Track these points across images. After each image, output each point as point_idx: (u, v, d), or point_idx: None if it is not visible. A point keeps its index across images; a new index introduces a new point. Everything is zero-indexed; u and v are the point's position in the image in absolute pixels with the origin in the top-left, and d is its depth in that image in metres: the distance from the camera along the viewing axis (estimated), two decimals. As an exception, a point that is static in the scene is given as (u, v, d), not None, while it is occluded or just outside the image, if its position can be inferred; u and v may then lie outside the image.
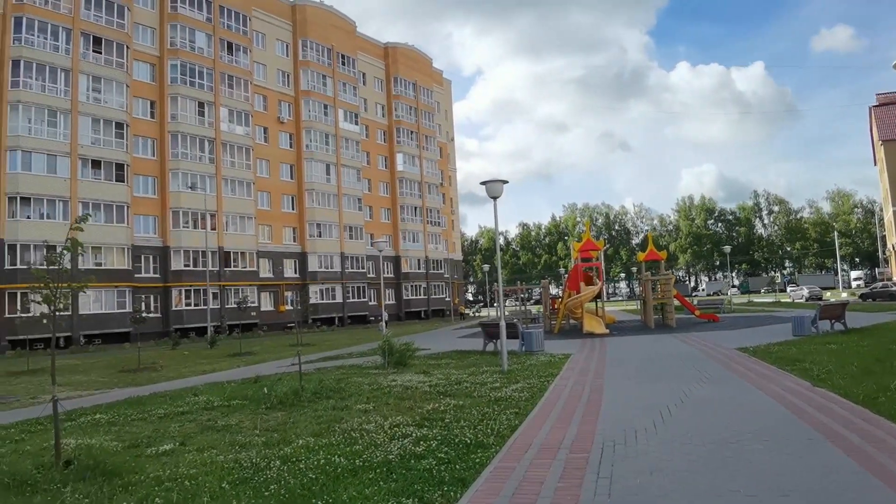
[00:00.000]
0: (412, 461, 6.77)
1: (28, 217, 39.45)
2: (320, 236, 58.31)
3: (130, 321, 28.80)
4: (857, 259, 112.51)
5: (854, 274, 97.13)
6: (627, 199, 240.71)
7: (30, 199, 39.76)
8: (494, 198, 14.18)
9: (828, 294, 64.28)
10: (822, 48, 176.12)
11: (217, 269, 48.80)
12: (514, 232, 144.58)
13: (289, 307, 54.77)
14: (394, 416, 9.47)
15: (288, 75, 58.83)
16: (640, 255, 35.37)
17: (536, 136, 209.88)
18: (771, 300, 62.51)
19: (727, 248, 59.94)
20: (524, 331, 20.13)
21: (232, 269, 50.61)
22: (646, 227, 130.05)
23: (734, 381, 11.38)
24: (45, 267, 7.94)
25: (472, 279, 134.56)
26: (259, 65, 55.88)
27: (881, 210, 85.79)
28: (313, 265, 57.47)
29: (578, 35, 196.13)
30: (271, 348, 31.25)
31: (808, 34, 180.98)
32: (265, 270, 54.24)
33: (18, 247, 38.72)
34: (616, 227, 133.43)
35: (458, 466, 6.47)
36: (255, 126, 54.30)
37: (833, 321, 20.58)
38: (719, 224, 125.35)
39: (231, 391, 13.68)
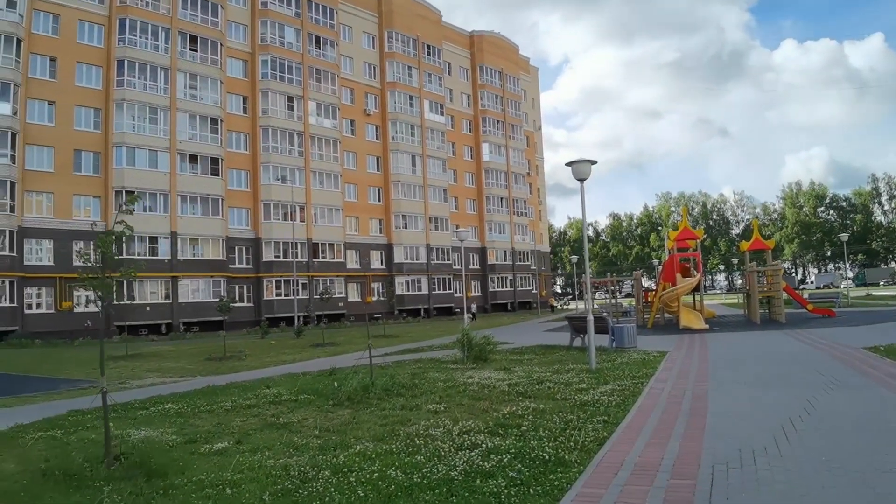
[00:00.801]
0: (478, 480, 5.73)
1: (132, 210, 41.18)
2: (406, 227, 58.26)
3: (217, 310, 29.31)
4: None
5: None
6: (726, 188, 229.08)
7: (133, 192, 41.51)
8: (581, 180, 12.91)
9: None
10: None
11: (306, 260, 49.55)
12: (604, 223, 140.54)
13: (375, 298, 55.03)
14: (465, 419, 8.48)
15: (374, 67, 58.95)
16: (744, 245, 32.82)
17: (628, 124, 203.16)
18: (895, 293, 56.94)
19: (844, 237, 54.60)
20: (614, 325, 18.67)
21: (320, 260, 51.22)
22: (747, 217, 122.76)
23: (871, 388, 9.50)
24: (90, 253, 7.48)
25: (560, 271, 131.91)
26: (346, 58, 56.22)
27: None
28: (399, 256, 57.47)
29: (672, 16, 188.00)
30: (354, 339, 31.08)
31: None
32: (352, 261, 54.64)
33: (124, 238, 40.52)
34: (714, 217, 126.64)
35: (531, 491, 5.36)
36: (342, 119, 54.69)
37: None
38: (831, 211, 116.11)
39: (302, 384, 13.26)
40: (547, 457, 6.28)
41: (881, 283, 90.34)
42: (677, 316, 26.80)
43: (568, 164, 12.91)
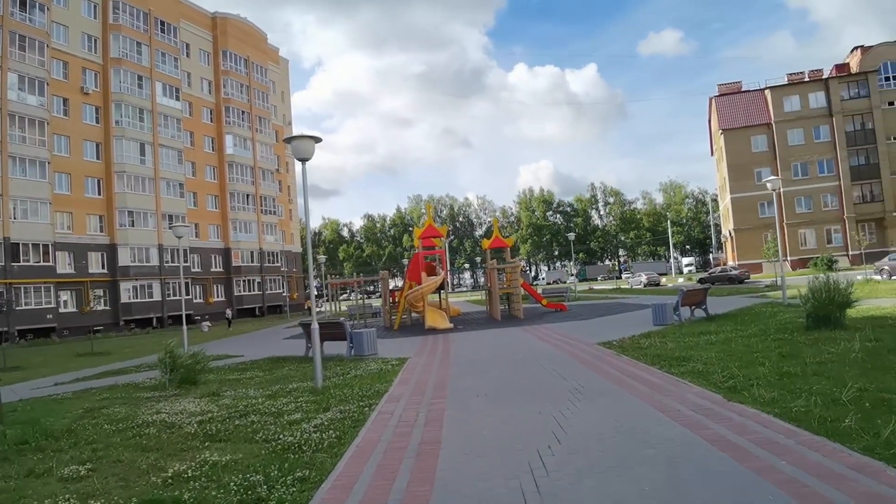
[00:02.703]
0: None
1: None
2: (133, 226, 51.24)
3: None
4: (687, 246, 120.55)
5: (685, 260, 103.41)
6: (470, 192, 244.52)
7: None
8: (303, 160, 10.81)
9: (664, 279, 66.74)
10: (651, 51, 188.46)
11: (2, 263, 41.07)
12: (358, 224, 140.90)
13: (97, 307, 47.63)
14: (106, 491, 5.81)
15: (95, 40, 51.01)
16: (485, 243, 33.46)
17: (381, 129, 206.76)
18: (611, 287, 64.04)
19: (572, 236, 60.23)
20: (353, 331, 16.94)
21: (22, 263, 42.73)
22: (489, 219, 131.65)
23: (618, 396, 8.42)
24: None
25: (314, 272, 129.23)
26: (59, 25, 47.85)
27: (714, 199, 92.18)
28: (125, 259, 50.34)
29: (419, 32, 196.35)
30: (54, 360, 25.72)
31: (638, 38, 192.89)
32: (65, 265, 46.60)
33: None
34: (460, 219, 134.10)
35: None
36: (51, 96, 46.39)
37: (694, 307, 19.43)
38: (557, 215, 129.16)
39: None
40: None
41: (599, 278, 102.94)
42: (423, 315, 26.13)
43: (287, 141, 10.77)
